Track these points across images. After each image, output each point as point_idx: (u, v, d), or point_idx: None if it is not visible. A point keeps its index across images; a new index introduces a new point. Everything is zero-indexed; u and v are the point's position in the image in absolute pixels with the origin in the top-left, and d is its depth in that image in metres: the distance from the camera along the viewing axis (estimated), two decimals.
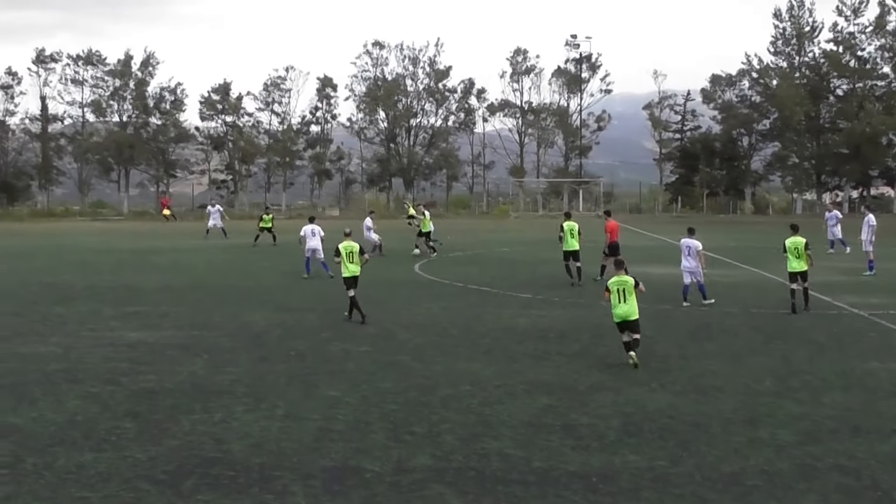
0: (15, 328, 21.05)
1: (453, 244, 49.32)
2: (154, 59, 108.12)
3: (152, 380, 15.53)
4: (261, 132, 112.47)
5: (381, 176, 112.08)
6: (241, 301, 25.74)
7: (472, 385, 15.07)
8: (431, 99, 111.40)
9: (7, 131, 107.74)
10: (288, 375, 15.86)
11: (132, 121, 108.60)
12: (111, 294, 27.56)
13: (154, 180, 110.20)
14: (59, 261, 39.74)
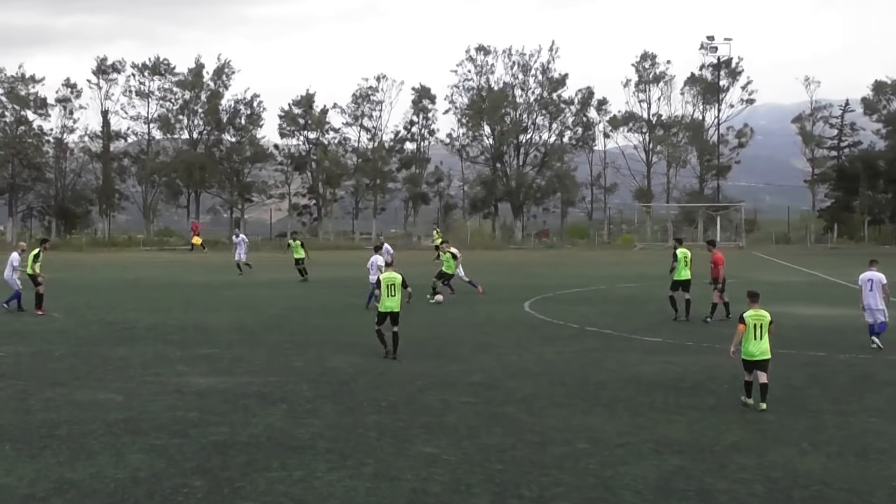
0: (71, 371, 21.57)
1: (568, 280, 49.09)
2: (229, 67, 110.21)
3: (224, 432, 15.73)
4: (348, 150, 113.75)
5: (486, 200, 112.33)
6: (324, 343, 25.96)
7: (590, 443, 14.94)
8: (544, 112, 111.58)
9: (65, 150, 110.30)
10: (378, 429, 15.92)
11: (203, 138, 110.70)
12: (178, 334, 28.06)
13: (227, 205, 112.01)
14: (121, 296, 40.66)
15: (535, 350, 24.81)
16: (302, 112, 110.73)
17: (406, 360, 23.01)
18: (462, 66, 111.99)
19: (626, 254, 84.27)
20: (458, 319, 31.34)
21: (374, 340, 23.66)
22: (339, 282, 45.41)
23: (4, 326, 29.92)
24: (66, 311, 34.28)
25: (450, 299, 37.22)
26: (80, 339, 27.17)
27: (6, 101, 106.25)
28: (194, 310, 34.98)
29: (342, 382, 20.11)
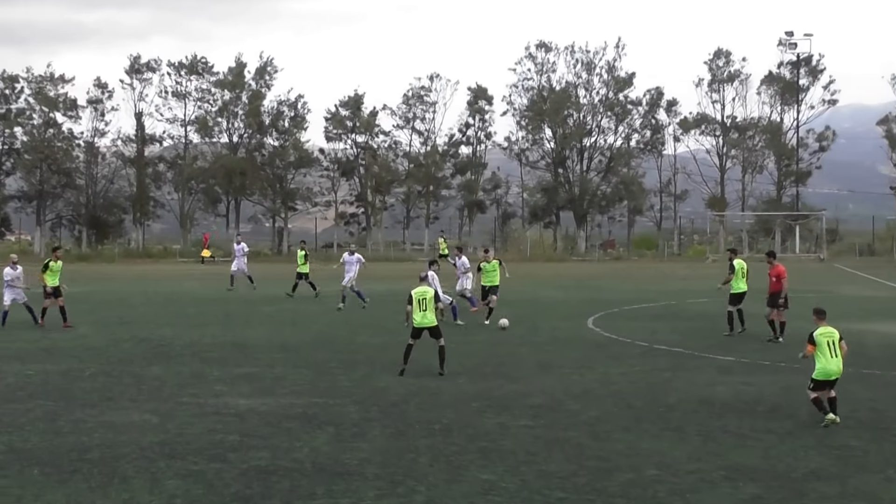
0: (104, 392, 21.80)
1: (635, 294, 48.91)
2: (271, 66, 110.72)
3: (265, 457, 15.85)
4: (399, 155, 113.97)
5: (547, 209, 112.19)
6: (373, 362, 26.06)
7: (659, 469, 14.91)
8: (610, 113, 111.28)
9: (96, 155, 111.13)
10: (430, 454, 15.96)
11: (244, 142, 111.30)
12: (217, 352, 28.29)
13: (270, 214, 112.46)
14: (156, 311, 41.04)
15: (599, 370, 24.76)
16: (349, 114, 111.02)
17: (461, 379, 23.05)
18: (521, 64, 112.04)
19: (698, 266, 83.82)
20: (518, 337, 31.35)
21: (435, 360, 23.75)
22: (388, 295, 45.50)
23: (32, 343, 30.33)
24: (97, 327, 34.67)
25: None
26: (112, 356, 27.46)
27: (34, 103, 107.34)
28: (234, 326, 35.23)
29: (392, 404, 20.19)
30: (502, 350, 28.19)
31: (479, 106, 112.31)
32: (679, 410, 19.41)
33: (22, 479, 14.68)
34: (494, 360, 26.18)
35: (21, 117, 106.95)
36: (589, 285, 55.07)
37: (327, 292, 45.98)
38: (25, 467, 15.28)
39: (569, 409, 19.60)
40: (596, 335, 32.43)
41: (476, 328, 33.41)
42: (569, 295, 48.51)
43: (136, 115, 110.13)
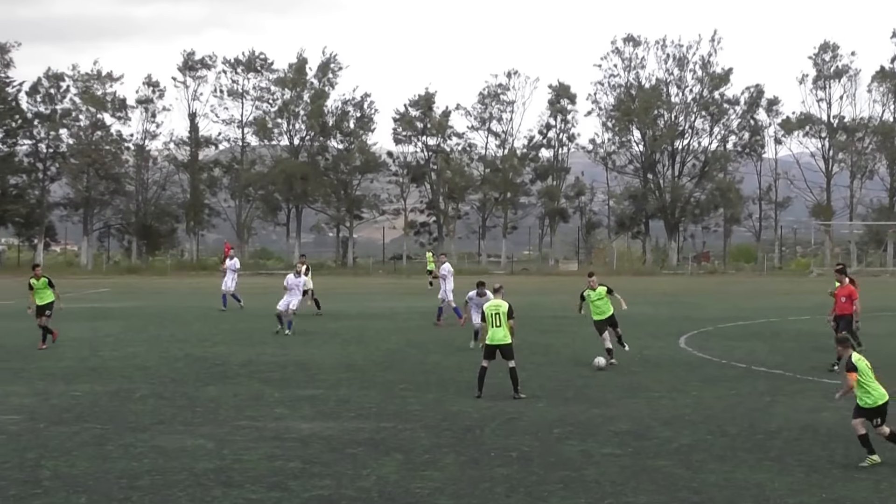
0: (156, 414, 22.05)
1: (732, 311, 48.59)
2: (335, 62, 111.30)
3: (329, 485, 15.95)
4: (474, 159, 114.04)
5: (635, 217, 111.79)
6: (445, 384, 26.13)
7: (758, 502, 14.84)
8: (704, 113, 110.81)
9: (147, 159, 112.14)
10: (507, 484, 15.99)
11: (306, 145, 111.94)
12: (277, 372, 28.50)
13: (333, 223, 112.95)
14: (211, 327, 41.39)
15: (691, 393, 24.66)
16: (420, 114, 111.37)
17: (541, 403, 23.05)
18: (607, 59, 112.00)
19: (801, 281, 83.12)
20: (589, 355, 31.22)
21: (494, 380, 23.78)
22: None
23: (80, 362, 30.73)
24: (148, 345, 35.04)
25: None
26: (165, 376, 27.75)
27: (80, 103, 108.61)
28: (295, 344, 35.44)
29: (466, 429, 20.23)
30: (585, 371, 28.15)
31: (562, 105, 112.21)
32: (780, 438, 19.28)
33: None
34: (577, 382, 26.16)
35: (67, 118, 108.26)
36: (681, 301, 54.83)
37: (404, 309, 45.98)
38: (72, 495, 15.51)
39: (658, 436, 19.54)
40: (688, 355, 32.28)
41: (557, 347, 33.38)
42: (659, 311, 48.29)
43: (190, 115, 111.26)
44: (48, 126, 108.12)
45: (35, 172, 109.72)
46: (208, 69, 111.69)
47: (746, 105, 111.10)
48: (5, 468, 17.23)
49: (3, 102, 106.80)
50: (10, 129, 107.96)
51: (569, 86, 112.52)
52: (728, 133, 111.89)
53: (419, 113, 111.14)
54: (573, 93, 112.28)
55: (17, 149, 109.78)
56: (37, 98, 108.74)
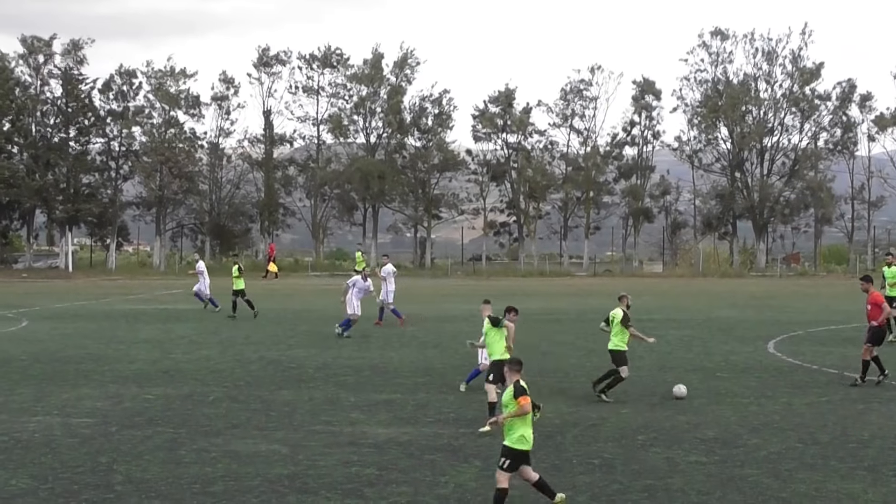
0: (229, 418, 22.25)
1: (823, 315, 48.16)
2: (413, 58, 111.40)
3: (407, 492, 16.02)
4: (555, 157, 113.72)
5: (722, 217, 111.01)
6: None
7: None
8: (794, 109, 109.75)
9: (221, 157, 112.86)
10: (590, 492, 15.97)
11: (383, 142, 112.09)
12: (353, 376, 28.63)
13: (411, 222, 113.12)
14: (285, 330, 41.65)
15: (781, 400, 24.48)
16: (500, 111, 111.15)
17: (625, 409, 22.98)
18: (694, 54, 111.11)
19: None
20: (688, 361, 31.14)
21: (577, 384, 23.72)
22: (544, 315, 45.56)
23: (152, 365, 31.06)
24: (221, 347, 35.35)
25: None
26: (238, 380, 27.98)
27: (153, 100, 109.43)
28: (371, 347, 35.59)
29: (547, 435, 20.21)
30: (670, 377, 28.03)
31: (646, 101, 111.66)
32: (873, 447, 19.10)
33: None
34: (662, 388, 26.05)
35: (139, 116, 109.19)
36: (769, 304, 54.38)
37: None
38: (144, 499, 15.71)
39: (746, 444, 19.42)
40: (777, 360, 32.04)
41: (640, 351, 33.28)
42: (746, 315, 47.94)
43: (265, 112, 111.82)
44: (121, 124, 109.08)
45: (108, 171, 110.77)
46: (283, 65, 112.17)
47: (838, 101, 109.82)
48: (78, 472, 17.48)
49: (76, 100, 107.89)
50: (83, 127, 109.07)
51: (654, 81, 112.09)
52: (819, 130, 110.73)
53: (499, 110, 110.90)
54: (658, 89, 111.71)
55: (89, 147, 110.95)
56: (109, 95, 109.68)
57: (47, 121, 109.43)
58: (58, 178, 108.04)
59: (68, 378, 28.49)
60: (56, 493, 16.21)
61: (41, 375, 28.91)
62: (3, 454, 18.96)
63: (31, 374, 29.21)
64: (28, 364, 31.02)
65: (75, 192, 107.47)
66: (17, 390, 26.28)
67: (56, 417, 22.44)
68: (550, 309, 48.92)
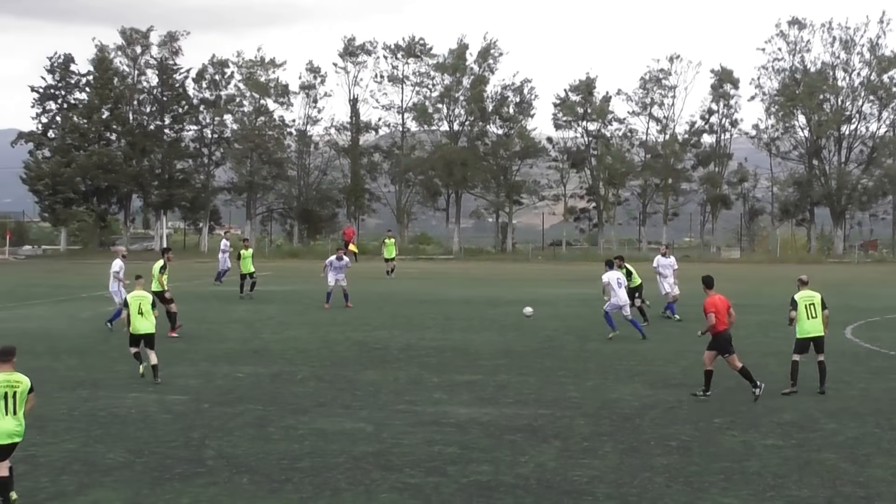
0: (315, 397, 22.37)
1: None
2: (495, 48, 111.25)
3: (487, 471, 16.01)
4: (634, 144, 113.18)
5: (800, 205, 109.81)
6: (604, 371, 26.03)
7: None
8: (872, 97, 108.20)
9: (308, 144, 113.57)
10: (667, 473, 15.88)
11: (465, 130, 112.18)
12: (436, 357, 28.69)
13: (493, 208, 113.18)
14: (371, 312, 41.78)
15: (858, 385, 24.23)
16: (580, 99, 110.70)
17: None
18: (771, 43, 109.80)
19: None
20: (766, 345, 30.91)
21: (674, 370, 23.54)
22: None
23: (242, 344, 31.32)
24: (309, 328, 35.55)
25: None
26: (325, 360, 28.14)
27: (244, 89, 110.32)
28: (454, 329, 35.63)
29: (625, 417, 20.14)
30: (747, 361, 27.70)
31: (724, 90, 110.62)
32: None
33: (231, 486, 15.25)
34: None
35: (231, 104, 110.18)
36: (847, 290, 53.64)
37: (566, 295, 45.79)
38: (234, 474, 15.85)
39: (823, 429, 19.22)
40: (854, 346, 31.68)
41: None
42: None
43: (351, 101, 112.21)
44: (213, 112, 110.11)
45: (200, 157, 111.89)
46: (368, 55, 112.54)
47: None
48: (171, 447, 17.67)
49: (170, 89, 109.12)
50: (178, 115, 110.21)
51: (731, 70, 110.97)
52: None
53: (579, 98, 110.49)
54: (736, 77, 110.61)
55: (183, 134, 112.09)
56: (202, 84, 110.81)
57: (144, 109, 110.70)
58: (153, 164, 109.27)
59: (162, 356, 28.73)
60: (151, 467, 16.41)
61: None
62: (101, 429, 19.23)
63: (127, 352, 29.52)
64: (125, 343, 31.27)
65: (170, 178, 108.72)
66: (115, 368, 26.65)
67: (151, 394, 22.70)
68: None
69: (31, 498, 14.83)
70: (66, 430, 19.20)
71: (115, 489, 15.25)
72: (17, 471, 16.07)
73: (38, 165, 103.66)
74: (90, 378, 25.06)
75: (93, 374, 25.59)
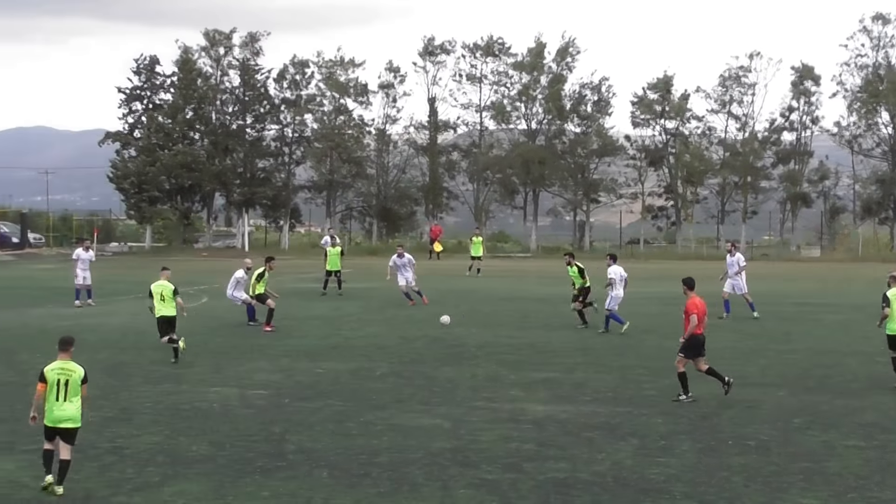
0: (394, 393, 22.45)
1: None
2: (573, 47, 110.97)
3: (564, 468, 15.99)
4: (713, 142, 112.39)
5: (882, 203, 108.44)
6: None
7: None
8: None
9: (387, 143, 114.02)
10: (745, 472, 15.77)
11: (543, 128, 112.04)
12: (513, 354, 28.68)
13: (570, 206, 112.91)
14: (448, 309, 41.80)
15: None
16: (658, 98, 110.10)
17: (781, 392, 22.63)
18: (854, 39, 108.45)
19: None
20: (846, 345, 30.56)
21: (751, 368, 23.32)
22: (701, 296, 45.07)
23: (322, 340, 31.51)
24: (387, 325, 35.68)
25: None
26: (403, 356, 28.23)
27: (324, 88, 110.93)
28: (531, 326, 35.60)
29: (703, 416, 20.02)
30: (827, 360, 27.53)
31: (805, 87, 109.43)
32: None
33: (311, 480, 15.35)
34: (818, 371, 25.60)
35: (311, 104, 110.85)
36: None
37: (645, 294, 45.68)
38: (315, 468, 15.96)
39: None
40: None
41: (799, 335, 32.70)
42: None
43: (429, 100, 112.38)
44: (294, 111, 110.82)
45: (281, 156, 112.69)
46: (447, 54, 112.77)
47: None
48: (253, 441, 17.83)
49: (252, 89, 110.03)
50: (259, 114, 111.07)
51: (812, 67, 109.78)
52: None
53: (657, 96, 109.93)
54: (817, 74, 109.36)
55: (264, 133, 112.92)
56: (283, 84, 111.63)
57: (226, 109, 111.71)
58: (235, 162, 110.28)
59: (244, 352, 29.06)
60: (232, 460, 16.58)
61: (219, 349, 29.58)
62: (184, 422, 19.45)
63: (210, 347, 29.85)
64: (207, 338, 31.67)
65: (251, 176, 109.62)
66: (198, 363, 26.93)
67: (233, 388, 22.93)
68: (707, 292, 48.24)
69: (117, 488, 15.07)
70: (151, 422, 19.46)
71: (198, 481, 15.43)
72: (105, 461, 16.41)
73: (124, 164, 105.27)
74: (174, 373, 25.37)
75: (176, 369, 25.88)
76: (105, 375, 24.53)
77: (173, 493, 14.88)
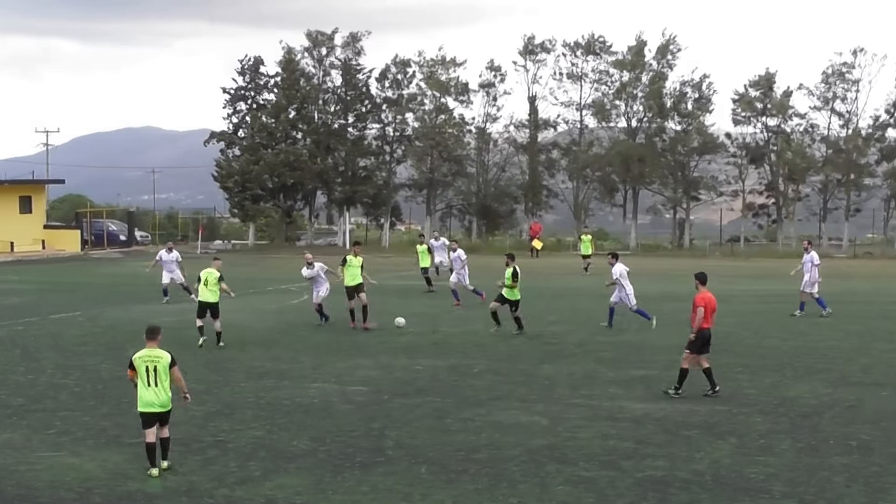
0: (492, 389, 22.46)
1: None
2: (674, 44, 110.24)
3: (662, 466, 15.89)
4: (816, 139, 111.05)
5: None
6: (781, 368, 25.61)
7: None
8: None
9: (488, 142, 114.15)
10: (847, 473, 15.57)
11: (643, 126, 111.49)
12: (611, 351, 28.58)
13: (670, 204, 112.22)
14: (545, 306, 41.77)
15: None
16: (760, 95, 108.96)
17: (885, 392, 22.34)
18: None
19: None
20: None
21: (854, 367, 23.05)
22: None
23: (421, 337, 31.62)
24: (487, 322, 35.65)
25: None
26: (501, 353, 28.25)
27: (425, 87, 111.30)
28: (629, 324, 35.39)
29: (804, 415, 19.79)
30: None
31: None
32: None
33: (410, 476, 15.41)
34: None
35: (412, 103, 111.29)
36: None
37: (741, 292, 45.27)
38: (413, 464, 16.02)
39: None
40: None
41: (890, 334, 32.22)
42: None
43: (529, 98, 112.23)
44: (395, 110, 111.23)
45: (382, 155, 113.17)
46: (547, 53, 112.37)
47: None
48: (353, 436, 17.95)
49: (354, 88, 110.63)
50: (361, 113, 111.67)
51: None
52: None
53: (759, 93, 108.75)
54: None
55: (366, 132, 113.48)
56: (385, 84, 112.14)
57: (328, 108, 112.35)
58: (337, 161, 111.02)
59: (344, 348, 29.25)
60: (332, 455, 16.70)
61: (320, 345, 29.80)
62: (285, 417, 19.63)
63: (311, 344, 30.09)
64: (308, 335, 31.94)
65: (353, 175, 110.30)
66: (299, 359, 27.16)
67: (333, 385, 23.10)
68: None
69: (220, 482, 15.29)
70: (253, 417, 19.67)
71: (299, 476, 15.58)
72: (208, 455, 16.65)
73: (228, 163, 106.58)
74: (275, 368, 25.59)
75: (278, 365, 26.11)
76: (207, 371, 24.87)
77: (274, 486, 15.05)
